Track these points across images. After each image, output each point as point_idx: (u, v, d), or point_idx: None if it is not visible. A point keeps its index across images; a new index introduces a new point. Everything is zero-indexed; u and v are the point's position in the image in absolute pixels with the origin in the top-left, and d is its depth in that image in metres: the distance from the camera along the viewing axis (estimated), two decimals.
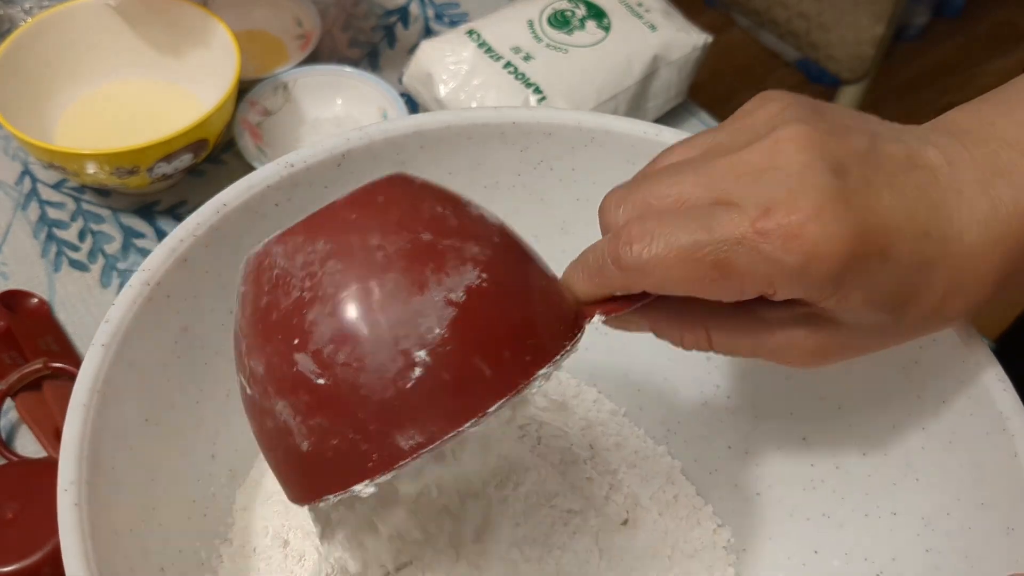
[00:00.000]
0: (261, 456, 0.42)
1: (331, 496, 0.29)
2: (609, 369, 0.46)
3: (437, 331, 0.28)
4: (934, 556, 0.35)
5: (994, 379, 0.34)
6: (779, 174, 0.27)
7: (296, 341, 0.28)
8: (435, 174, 0.39)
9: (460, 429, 0.28)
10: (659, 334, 0.33)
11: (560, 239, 0.41)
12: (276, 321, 0.29)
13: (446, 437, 0.28)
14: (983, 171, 0.29)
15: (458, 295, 0.28)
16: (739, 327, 0.31)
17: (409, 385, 0.28)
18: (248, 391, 0.30)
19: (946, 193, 0.28)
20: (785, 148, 0.27)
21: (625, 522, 0.42)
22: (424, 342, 0.28)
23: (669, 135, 0.41)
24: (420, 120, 0.41)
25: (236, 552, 0.40)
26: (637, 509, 0.42)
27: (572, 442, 0.44)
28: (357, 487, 0.28)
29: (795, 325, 0.30)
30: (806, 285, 0.27)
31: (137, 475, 0.36)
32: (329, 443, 0.28)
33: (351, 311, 0.28)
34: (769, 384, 0.42)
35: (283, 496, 0.41)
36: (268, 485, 0.42)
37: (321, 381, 0.28)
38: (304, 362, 0.28)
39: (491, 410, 0.28)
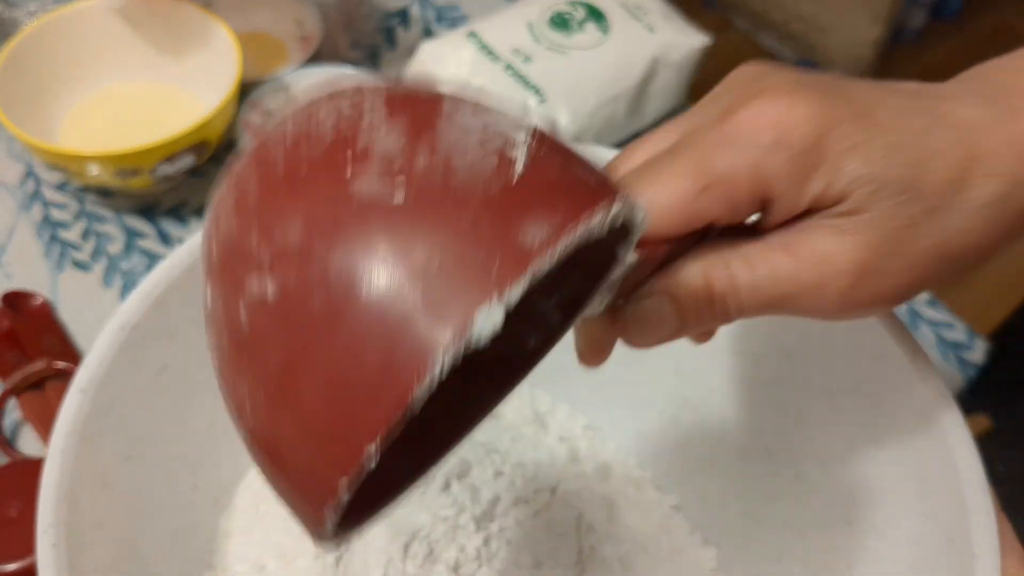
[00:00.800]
0: (244, 484, 0.41)
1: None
2: (582, 385, 0.46)
3: (524, 135, 0.23)
4: (886, 565, 0.36)
5: (938, 395, 0.34)
6: (739, 88, 0.27)
7: (349, 172, 0.22)
8: None
9: (591, 223, 0.22)
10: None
11: None
12: (312, 168, 0.22)
13: (578, 230, 0.22)
14: (972, 85, 0.28)
15: (525, 135, 0.23)
16: (766, 270, 0.27)
17: (515, 179, 0.22)
18: (269, 292, 0.22)
19: (934, 100, 0.27)
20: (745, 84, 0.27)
21: (599, 530, 0.43)
22: (514, 143, 0.23)
23: None
24: None
25: (214, 571, 0.40)
26: (613, 520, 0.44)
27: (550, 454, 0.45)
28: (479, 319, 0.20)
29: (822, 241, 0.27)
30: (791, 160, 0.25)
31: (118, 511, 0.36)
32: (427, 276, 0.21)
33: (418, 120, 0.23)
34: (735, 397, 0.43)
35: (262, 524, 0.40)
36: (248, 512, 0.42)
37: (399, 198, 0.21)
38: (367, 185, 0.22)
39: (616, 207, 0.23)
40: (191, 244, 0.38)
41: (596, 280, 0.26)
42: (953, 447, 0.33)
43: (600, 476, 0.45)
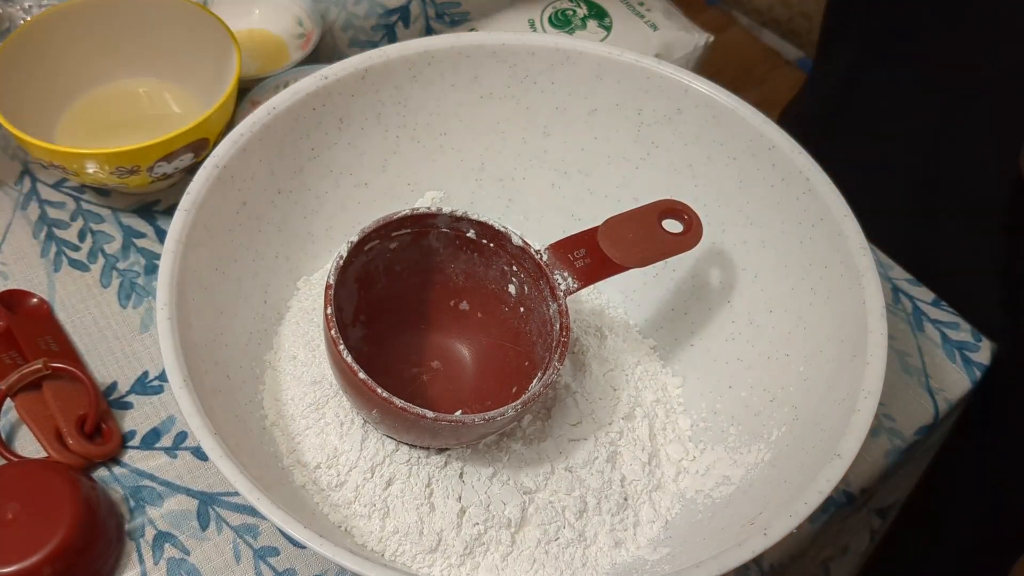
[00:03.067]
0: (296, 299, 0.53)
1: None
2: None
3: None
4: (809, 383, 0.46)
5: (858, 247, 0.45)
6: None
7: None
8: (440, 86, 0.52)
9: None
10: None
11: (543, 141, 0.54)
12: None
13: None
14: None
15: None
16: None
17: None
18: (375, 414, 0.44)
19: None
20: None
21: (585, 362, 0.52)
22: None
23: (630, 56, 0.50)
24: (428, 42, 0.51)
25: (274, 368, 0.50)
26: (598, 358, 0.52)
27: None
28: None
29: None
30: None
31: (209, 308, 0.46)
32: None
33: None
34: (706, 259, 0.53)
35: (300, 329, 0.52)
36: (293, 322, 0.52)
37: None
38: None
39: None
40: (267, 106, 0.48)
41: None
42: (864, 287, 0.44)
43: (596, 317, 0.55)
